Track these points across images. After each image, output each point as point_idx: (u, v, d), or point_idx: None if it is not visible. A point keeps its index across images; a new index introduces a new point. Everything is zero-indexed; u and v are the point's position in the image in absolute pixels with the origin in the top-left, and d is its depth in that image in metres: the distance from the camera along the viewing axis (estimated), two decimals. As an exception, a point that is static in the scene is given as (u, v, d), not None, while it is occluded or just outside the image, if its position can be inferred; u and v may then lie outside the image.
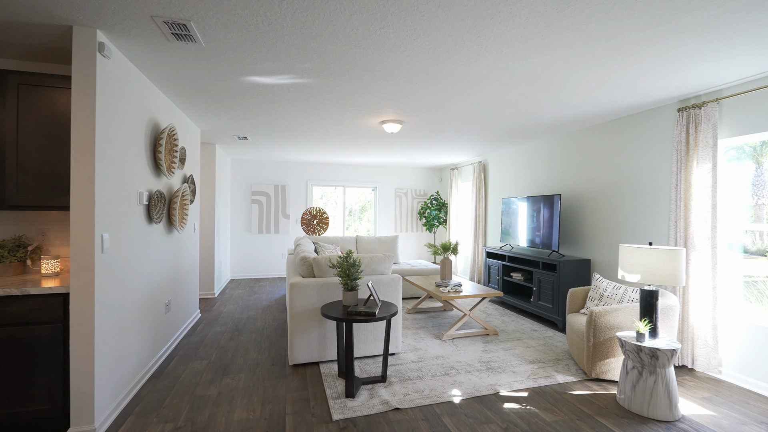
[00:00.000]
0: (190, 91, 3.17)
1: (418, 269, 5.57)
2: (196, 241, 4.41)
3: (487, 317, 4.55)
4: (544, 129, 4.44)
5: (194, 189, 4.09)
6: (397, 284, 3.30)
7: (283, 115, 3.92)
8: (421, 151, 6.01)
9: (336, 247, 5.55)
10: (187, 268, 4.07)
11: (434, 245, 4.51)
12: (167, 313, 3.38)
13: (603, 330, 2.80)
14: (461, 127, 4.32)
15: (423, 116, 3.88)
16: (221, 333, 3.93)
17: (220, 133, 4.80)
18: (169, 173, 3.20)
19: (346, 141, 5.24)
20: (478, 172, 6.47)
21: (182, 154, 3.67)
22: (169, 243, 3.42)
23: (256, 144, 5.56)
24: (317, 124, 4.26)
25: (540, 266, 4.44)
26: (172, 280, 3.52)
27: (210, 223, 5.52)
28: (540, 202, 4.68)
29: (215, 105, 3.56)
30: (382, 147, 5.70)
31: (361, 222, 8.61)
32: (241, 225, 7.20)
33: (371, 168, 7.93)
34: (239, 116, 3.97)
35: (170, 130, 3.14)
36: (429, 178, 8.34)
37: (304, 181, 7.55)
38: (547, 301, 4.26)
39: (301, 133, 4.79)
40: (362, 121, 4.13)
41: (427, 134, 4.76)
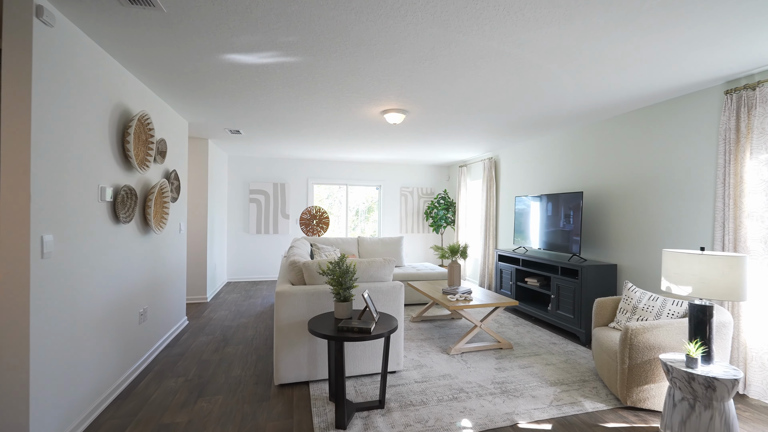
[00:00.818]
0: (164, 74, 2.81)
1: (423, 273, 5.16)
2: (182, 243, 4.07)
3: (500, 327, 4.13)
4: (565, 119, 4.00)
5: (178, 186, 3.75)
6: (399, 293, 2.90)
7: (274, 104, 3.55)
8: (428, 146, 5.60)
9: (335, 249, 5.17)
10: (171, 272, 3.73)
11: (441, 248, 4.11)
12: (142, 323, 3.03)
13: (641, 350, 2.36)
14: (471, 118, 3.91)
15: (428, 104, 3.48)
16: (206, 344, 3.57)
17: (211, 126, 4.46)
18: (142, 167, 2.85)
19: (346, 135, 4.86)
20: (489, 169, 6.04)
21: (162, 146, 3.32)
22: (145, 245, 3.08)
23: (251, 139, 5.21)
24: (313, 114, 3.89)
25: (558, 271, 4.01)
26: (149, 286, 3.17)
27: (201, 222, 5.19)
28: (559, 201, 4.24)
29: (197, 92, 3.21)
30: (385, 142, 5.31)
31: (368, 222, 8.23)
32: (239, 225, 6.87)
33: (375, 165, 7.55)
34: (227, 105, 3.62)
35: (142, 117, 2.79)
36: (436, 176, 7.92)
37: (305, 179, 7.19)
38: (567, 311, 3.82)
39: (297, 126, 4.43)
40: (362, 111, 3.74)
41: (434, 126, 4.36)
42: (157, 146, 3.22)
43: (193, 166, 5.17)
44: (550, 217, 4.39)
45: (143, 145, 2.91)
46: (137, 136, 2.81)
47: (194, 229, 5.16)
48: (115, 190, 2.53)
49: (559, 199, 4.24)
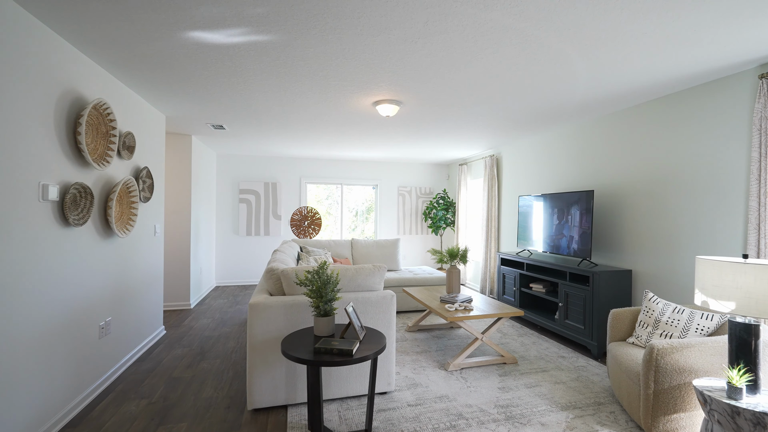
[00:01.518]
0: (124, 57, 2.49)
1: (421, 278, 4.84)
2: (158, 246, 3.75)
3: (503, 338, 3.80)
4: (575, 110, 3.67)
5: (151, 184, 3.43)
6: (390, 305, 2.57)
7: (254, 95, 3.23)
8: (425, 143, 5.28)
9: (326, 253, 4.85)
10: (144, 279, 3.41)
11: (439, 251, 3.78)
12: (104, 337, 2.71)
13: (669, 374, 2.03)
14: (470, 111, 3.58)
15: (424, 94, 3.15)
16: (180, 358, 3.25)
17: (190, 120, 4.14)
18: (100, 163, 2.53)
19: (338, 130, 4.54)
20: (491, 167, 5.71)
21: (129, 140, 3.00)
22: (107, 250, 2.76)
23: (238, 135, 4.89)
24: (299, 107, 3.56)
25: (567, 277, 3.68)
26: (113, 295, 2.85)
27: (184, 224, 4.87)
28: (566, 201, 3.91)
29: (166, 79, 2.89)
30: (380, 138, 4.98)
31: (368, 223, 7.91)
32: (228, 226, 6.55)
33: (371, 164, 7.22)
34: (204, 97, 3.30)
35: (99, 106, 2.47)
36: (435, 174, 7.59)
37: (298, 178, 6.87)
38: (577, 321, 3.49)
39: (284, 121, 4.11)
40: (352, 102, 3.42)
41: (430, 120, 4.03)
42: (123, 140, 2.90)
43: (175, 163, 4.86)
44: (556, 218, 4.06)
45: (103, 138, 2.59)
46: (94, 127, 2.50)
47: (176, 231, 4.84)
48: (62, 189, 2.21)
49: (566, 199, 3.91)
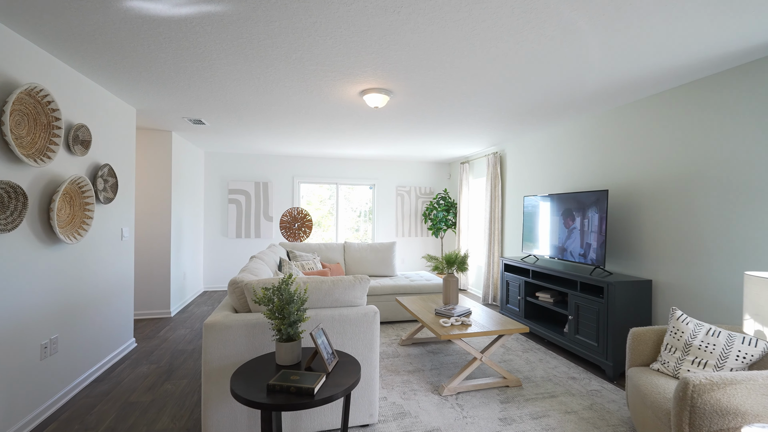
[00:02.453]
0: (61, 34, 2.16)
1: (417, 285, 4.47)
2: (126, 252, 3.43)
3: (506, 354, 3.42)
4: (586, 100, 3.28)
5: (114, 184, 3.10)
6: (372, 322, 2.21)
7: (225, 84, 2.89)
8: (423, 139, 4.91)
9: (316, 257, 4.50)
10: (106, 289, 3.08)
11: (435, 258, 3.41)
12: (48, 357, 2.38)
13: (709, 416, 1.65)
14: (469, 101, 3.21)
15: (415, 81, 2.79)
16: (144, 377, 2.92)
17: (165, 114, 3.81)
18: (38, 158, 2.20)
19: (326, 125, 4.19)
20: (494, 166, 5.33)
21: (83, 134, 2.67)
22: (52, 259, 2.42)
23: (220, 130, 4.56)
24: (279, 98, 3.22)
25: (577, 287, 3.29)
26: (61, 309, 2.52)
27: (164, 227, 4.55)
28: (577, 202, 3.52)
29: (119, 63, 2.55)
30: (374, 134, 4.63)
31: (370, 223, 7.57)
32: (216, 228, 6.23)
33: (368, 162, 6.87)
34: (170, 87, 2.96)
35: (34, 92, 2.14)
36: (436, 173, 7.22)
37: (290, 177, 6.54)
38: (589, 336, 3.10)
39: (264, 114, 3.76)
40: (336, 91, 3.06)
41: (425, 113, 3.66)
42: (74, 133, 2.57)
43: (153, 161, 4.54)
44: (566, 220, 3.67)
45: (43, 130, 2.26)
46: (31, 117, 2.16)
47: (153, 234, 4.52)
48: (-19, 188, 1.88)
49: (577, 200, 3.52)
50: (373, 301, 4.28)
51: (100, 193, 2.93)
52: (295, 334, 1.77)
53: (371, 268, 4.95)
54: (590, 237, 3.33)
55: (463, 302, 3.58)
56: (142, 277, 4.49)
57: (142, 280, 4.49)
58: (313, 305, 2.22)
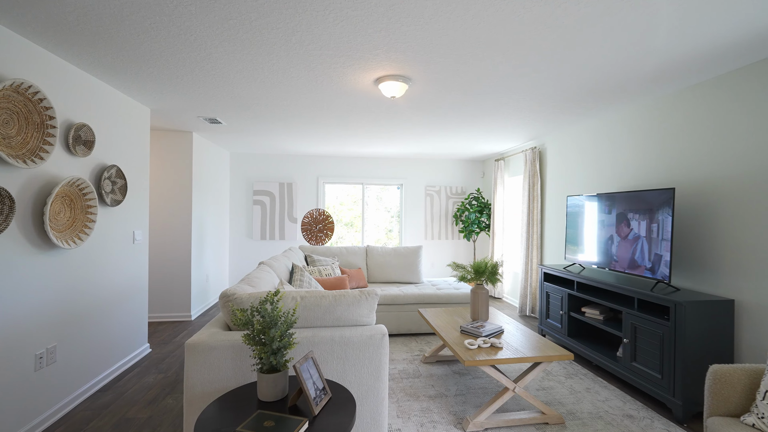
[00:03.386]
0: (46, 23, 2.01)
1: (444, 294, 4.07)
2: (139, 255, 3.34)
3: (546, 379, 2.95)
4: (645, 81, 2.74)
5: (123, 186, 3.00)
6: (379, 347, 1.87)
7: (228, 75, 2.67)
8: (452, 134, 4.50)
9: (335, 262, 4.23)
10: (116, 293, 2.99)
11: (462, 266, 3.01)
12: (44, 368, 2.27)
13: None
14: (501, 86, 2.78)
15: (436, 63, 2.42)
16: (147, 388, 2.77)
17: (179, 113, 3.70)
18: (27, 160, 2.07)
19: (343, 120, 3.91)
20: (532, 162, 4.80)
21: (85, 134, 2.56)
22: (48, 265, 2.31)
23: (238, 129, 4.42)
24: (286, 90, 2.97)
25: (634, 304, 2.76)
26: (60, 317, 2.41)
27: (184, 228, 4.48)
28: (633, 202, 2.98)
29: (114, 56, 2.40)
30: (397, 129, 4.28)
31: (400, 226, 7.26)
32: (242, 230, 6.17)
33: (395, 161, 6.53)
34: (174, 81, 2.80)
35: (21, 89, 2.01)
36: (468, 172, 6.74)
37: (315, 177, 6.35)
38: (651, 365, 2.57)
39: (278, 111, 3.54)
40: (348, 80, 2.76)
41: (452, 103, 3.26)
42: (75, 133, 2.46)
43: (174, 162, 4.49)
44: (618, 224, 3.13)
45: (36, 129, 2.14)
46: (22, 116, 2.04)
47: (173, 236, 4.47)
48: (-43, 191, 1.76)
49: (633, 200, 2.98)
50: (396, 310, 3.94)
51: (107, 195, 2.83)
52: (279, 364, 1.47)
53: (395, 273, 4.61)
54: (651, 244, 2.78)
55: (495, 317, 3.14)
56: (162, 280, 4.45)
57: (161, 282, 4.45)
58: (312, 324, 1.92)
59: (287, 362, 1.50)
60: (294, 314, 1.60)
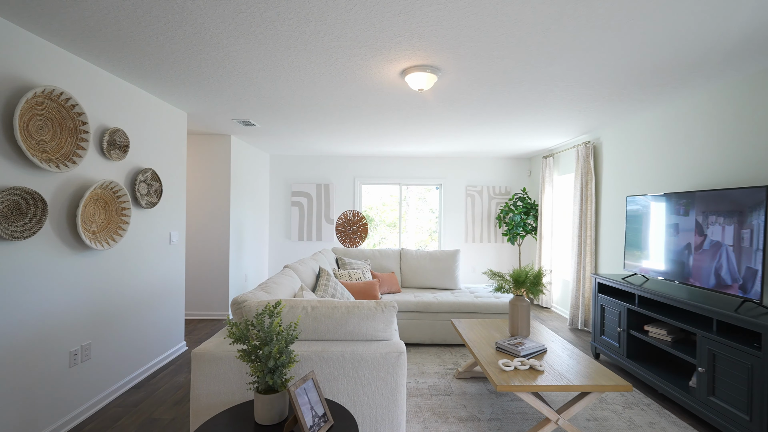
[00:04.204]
0: (70, 29, 2.06)
1: (483, 303, 3.75)
2: (175, 256, 3.43)
3: (599, 407, 2.55)
4: (728, 56, 2.27)
5: (159, 188, 3.08)
6: (395, 366, 1.67)
7: (251, 75, 2.62)
8: (493, 130, 4.16)
9: (366, 265, 4.09)
10: (152, 292, 3.08)
11: (500, 275, 2.71)
12: (78, 365, 2.36)
13: None
14: (544, 72, 2.45)
15: (466, 48, 2.16)
16: (177, 388, 2.81)
17: (215, 116, 3.77)
18: (59, 164, 2.15)
19: (373, 117, 3.75)
20: (585, 158, 4.31)
21: (120, 139, 2.64)
22: (82, 265, 2.40)
23: (271, 131, 4.44)
24: (309, 86, 2.86)
25: (713, 326, 2.30)
26: (95, 315, 2.49)
27: (222, 229, 4.60)
28: (711, 203, 2.49)
29: (141, 60, 2.43)
30: (431, 126, 4.04)
31: (438, 227, 7.02)
32: (280, 231, 6.26)
33: (434, 160, 6.26)
34: (201, 84, 2.81)
35: (54, 95, 2.08)
36: (512, 170, 6.28)
37: (351, 178, 6.27)
38: (734, 402, 2.10)
39: (307, 111, 3.46)
40: (372, 74, 2.59)
41: (489, 95, 2.97)
42: (108, 138, 2.54)
43: (212, 165, 4.61)
44: (692, 229, 2.64)
45: (70, 134, 2.21)
46: (56, 122, 2.12)
47: (211, 236, 4.59)
48: (-10, 195, 1.84)
49: (714, 201, 2.49)
50: (429, 318, 3.70)
51: (142, 197, 2.92)
52: (276, 384, 1.33)
53: (430, 279, 4.37)
54: (739, 254, 2.30)
55: (539, 333, 2.80)
56: (201, 279, 4.59)
57: (200, 281, 4.60)
58: (322, 336, 1.77)
59: (287, 382, 1.36)
60: (295, 329, 1.46)
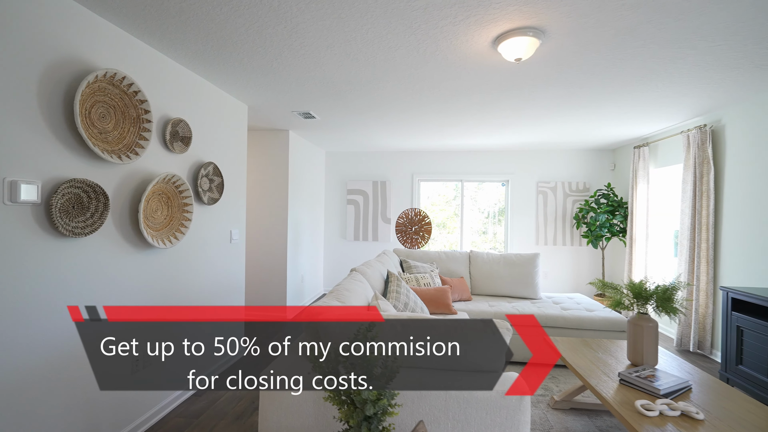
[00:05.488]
0: (146, 16, 1.88)
1: (573, 318, 3.19)
2: (236, 254, 3.27)
3: (760, 467, 1.93)
4: None
5: (220, 183, 2.92)
6: (517, 411, 1.25)
7: (318, 54, 2.33)
8: (581, 113, 3.57)
9: (434, 269, 3.69)
10: (212, 292, 2.93)
11: (614, 286, 2.17)
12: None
13: None
14: (693, 24, 1.89)
15: (585, 2, 1.69)
16: (237, 400, 2.60)
17: (275, 108, 3.57)
18: (122, 155, 1.99)
19: (446, 103, 3.33)
20: (699, 146, 3.56)
21: (182, 130, 2.49)
22: (145, 263, 2.25)
23: (330, 124, 4.19)
24: (381, 68, 2.52)
25: None
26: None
27: (280, 228, 4.44)
28: None
29: (196, 35, 2.23)
30: (513, 111, 3.54)
31: (501, 225, 6.47)
32: (336, 230, 6.05)
33: (500, 154, 5.69)
34: (263, 68, 2.58)
35: (115, 80, 1.92)
36: (592, 163, 5.54)
37: (409, 175, 5.90)
38: None
39: (371, 98, 3.14)
40: (457, 44, 2.18)
41: (596, 63, 2.43)
42: (171, 128, 2.38)
43: (270, 161, 4.47)
44: None
45: (132, 124, 2.05)
46: (119, 110, 1.96)
47: (269, 236, 4.45)
48: (50, 188, 1.68)
49: None
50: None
51: (204, 193, 2.76)
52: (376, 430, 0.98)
53: (504, 286, 3.86)
54: None
55: (659, 358, 2.22)
56: (258, 280, 4.46)
57: (257, 282, 4.47)
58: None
59: (390, 429, 1.01)
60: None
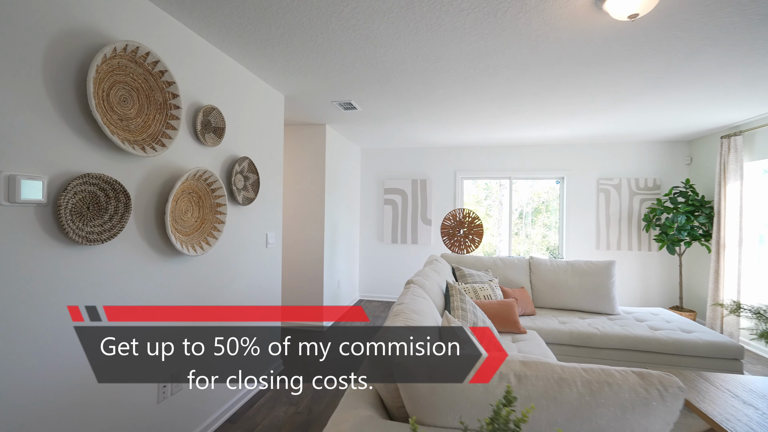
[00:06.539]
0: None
1: (669, 340, 2.64)
2: (272, 260, 2.95)
3: None
4: None
5: (256, 181, 2.60)
6: None
7: (367, 20, 1.95)
8: (665, 95, 2.99)
9: (491, 277, 3.23)
10: (246, 303, 2.61)
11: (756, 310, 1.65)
12: (168, 398, 1.90)
13: None
14: None
15: None
16: (278, 427, 2.26)
17: (313, 97, 3.23)
18: (146, 147, 1.68)
19: (508, 88, 2.86)
20: (826, 131, 2.90)
21: (215, 120, 2.17)
22: (171, 272, 1.95)
23: (372, 116, 3.80)
24: (446, 40, 2.10)
25: None
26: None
27: (316, 232, 4.11)
28: None
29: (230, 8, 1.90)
30: (581, 93, 3.03)
31: (534, 227, 5.93)
32: (372, 232, 5.67)
33: (553, 148, 5.12)
34: (305, 45, 2.23)
35: (134, 55, 1.61)
36: (663, 157, 4.86)
37: (452, 172, 5.44)
38: None
39: (424, 83, 2.72)
40: (548, 4, 1.73)
41: (716, 30, 1.90)
42: (202, 117, 2.07)
43: (305, 158, 4.15)
44: None
45: (159, 110, 1.75)
46: (142, 93, 1.66)
47: (304, 239, 4.13)
48: (59, 184, 1.38)
49: None
50: (586, 356, 2.70)
51: (238, 192, 2.44)
52: None
53: (573, 298, 3.34)
54: None
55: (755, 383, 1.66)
56: (293, 286, 4.15)
57: (293, 289, 4.16)
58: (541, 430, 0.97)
59: None
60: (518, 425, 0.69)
